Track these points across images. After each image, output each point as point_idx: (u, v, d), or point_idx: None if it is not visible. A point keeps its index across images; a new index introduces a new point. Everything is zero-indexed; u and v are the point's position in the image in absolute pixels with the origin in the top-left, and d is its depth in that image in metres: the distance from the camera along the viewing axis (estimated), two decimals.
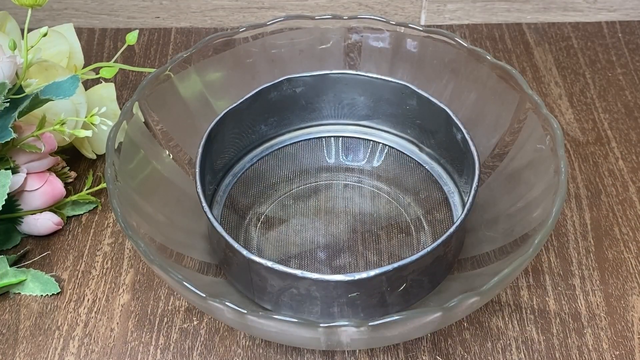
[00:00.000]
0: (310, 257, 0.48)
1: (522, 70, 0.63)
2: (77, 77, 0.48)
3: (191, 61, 0.50)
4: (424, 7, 0.67)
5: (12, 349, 0.45)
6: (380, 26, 0.52)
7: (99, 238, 0.51)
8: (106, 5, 0.67)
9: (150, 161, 0.47)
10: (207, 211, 0.43)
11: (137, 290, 0.48)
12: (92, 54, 0.65)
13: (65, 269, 0.49)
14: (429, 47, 0.51)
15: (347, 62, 0.53)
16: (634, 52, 0.65)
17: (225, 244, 0.42)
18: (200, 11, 0.67)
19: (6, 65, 0.45)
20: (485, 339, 0.45)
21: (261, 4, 0.67)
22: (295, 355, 0.44)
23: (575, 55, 0.65)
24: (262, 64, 0.52)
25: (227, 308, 0.37)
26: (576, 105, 0.60)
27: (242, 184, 0.52)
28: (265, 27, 0.51)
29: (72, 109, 0.51)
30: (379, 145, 0.53)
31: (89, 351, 0.45)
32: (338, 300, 0.41)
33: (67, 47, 0.53)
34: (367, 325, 0.36)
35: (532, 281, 0.48)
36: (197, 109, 0.51)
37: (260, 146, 0.53)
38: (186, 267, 0.44)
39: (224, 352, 0.45)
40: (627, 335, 0.45)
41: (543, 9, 0.67)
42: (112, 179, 0.42)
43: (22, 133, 0.48)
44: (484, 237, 0.46)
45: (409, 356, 0.44)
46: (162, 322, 0.46)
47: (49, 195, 0.49)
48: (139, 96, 0.47)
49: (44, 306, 0.47)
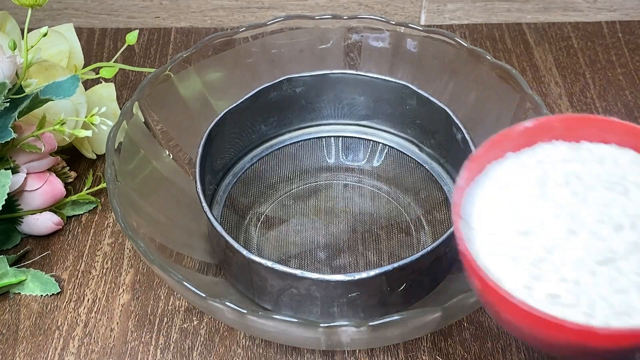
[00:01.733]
0: (310, 257, 0.48)
1: (522, 70, 0.63)
2: (77, 77, 0.48)
3: (191, 61, 0.50)
4: (424, 7, 0.67)
5: (12, 348, 0.45)
6: (380, 26, 0.52)
7: (99, 238, 0.51)
8: (106, 5, 0.67)
9: (150, 161, 0.47)
10: (207, 211, 0.43)
11: (137, 290, 0.48)
12: (92, 53, 0.65)
13: (65, 268, 0.49)
14: (429, 47, 0.51)
15: (347, 62, 0.53)
16: (634, 52, 0.65)
17: (225, 244, 0.42)
18: (200, 11, 0.67)
19: (6, 65, 0.45)
20: (485, 338, 0.45)
21: (261, 4, 0.67)
22: (295, 355, 0.44)
23: (576, 55, 0.65)
24: (262, 64, 0.52)
25: (227, 308, 0.37)
26: (576, 105, 0.60)
27: (242, 184, 0.52)
28: (265, 27, 0.51)
29: (72, 109, 0.51)
30: (379, 145, 0.53)
31: (88, 351, 0.45)
32: (338, 300, 0.41)
33: (67, 47, 0.53)
34: (367, 325, 0.36)
35: None
36: (197, 109, 0.51)
37: (260, 146, 0.53)
38: (186, 267, 0.44)
39: (224, 352, 0.45)
40: None
41: (543, 9, 0.67)
42: (112, 179, 0.42)
43: (22, 133, 0.48)
44: None
45: (409, 356, 0.44)
46: (162, 322, 0.46)
47: (49, 195, 0.49)
48: (139, 96, 0.47)
49: (44, 306, 0.47)
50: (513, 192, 0.30)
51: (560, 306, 0.27)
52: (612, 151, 0.31)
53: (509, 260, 0.28)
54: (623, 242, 0.28)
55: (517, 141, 0.32)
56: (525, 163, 0.31)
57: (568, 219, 0.29)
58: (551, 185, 0.30)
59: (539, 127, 0.32)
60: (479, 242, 0.29)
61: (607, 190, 0.30)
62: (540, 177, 0.30)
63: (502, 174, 0.31)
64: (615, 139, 0.32)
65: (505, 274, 0.28)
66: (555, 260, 0.28)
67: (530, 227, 0.29)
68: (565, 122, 0.32)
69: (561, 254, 0.28)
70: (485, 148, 0.31)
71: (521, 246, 0.28)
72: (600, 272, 0.27)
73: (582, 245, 0.28)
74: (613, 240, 0.28)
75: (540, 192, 0.30)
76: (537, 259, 0.28)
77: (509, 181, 0.31)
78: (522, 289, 0.27)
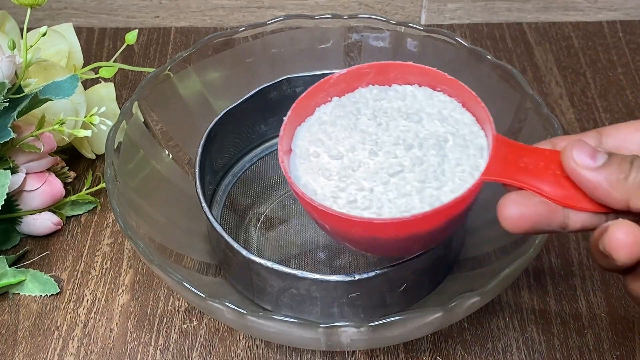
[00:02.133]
0: (310, 257, 0.48)
1: (523, 70, 0.63)
2: (77, 76, 0.48)
3: (191, 61, 0.50)
4: (424, 7, 0.67)
5: (12, 349, 0.45)
6: (381, 25, 0.52)
7: (99, 238, 0.51)
8: (105, 4, 0.67)
9: (150, 161, 0.47)
10: (207, 211, 0.43)
11: (136, 290, 0.48)
12: (91, 53, 0.65)
13: (64, 269, 0.49)
14: (429, 47, 0.51)
15: (347, 62, 0.53)
16: (635, 52, 0.65)
17: (225, 244, 0.42)
18: (199, 10, 0.67)
19: (5, 65, 0.45)
20: (486, 339, 0.45)
21: (261, 4, 0.67)
22: (295, 355, 0.44)
23: (576, 54, 0.65)
24: (262, 64, 0.52)
25: (227, 308, 0.36)
26: (577, 105, 0.60)
27: (242, 184, 0.52)
28: (265, 26, 0.51)
29: (71, 109, 0.50)
30: None
31: (88, 351, 0.45)
32: (338, 300, 0.41)
33: (66, 46, 0.53)
34: (367, 326, 0.36)
35: (532, 281, 0.48)
36: (197, 109, 0.51)
37: (260, 146, 0.53)
38: (186, 267, 0.44)
39: (223, 352, 0.44)
40: (628, 336, 0.45)
41: (544, 9, 0.67)
42: (111, 179, 0.42)
43: (22, 133, 0.48)
44: (485, 237, 0.46)
45: (409, 357, 0.44)
46: (162, 323, 0.46)
47: (48, 195, 0.49)
48: (139, 96, 0.47)
49: (43, 306, 0.47)
50: (332, 126, 0.38)
51: (358, 209, 0.34)
52: (412, 90, 0.39)
53: (322, 179, 0.36)
54: (410, 158, 0.35)
55: (341, 88, 0.39)
56: (345, 103, 0.39)
57: (372, 143, 0.36)
58: (362, 119, 0.37)
59: (355, 75, 0.39)
60: (303, 167, 0.37)
61: (405, 120, 0.37)
62: (353, 113, 0.38)
63: (325, 114, 0.38)
64: (416, 80, 0.39)
65: (319, 189, 0.35)
66: (357, 175, 0.35)
67: (341, 152, 0.36)
68: (375, 68, 0.39)
69: (363, 171, 0.35)
70: (306, 95, 0.38)
71: (333, 166, 0.36)
72: (392, 182, 0.35)
73: (379, 162, 0.36)
74: (404, 157, 0.36)
75: (353, 124, 0.37)
76: (343, 175, 0.35)
77: (330, 118, 0.38)
78: (330, 199, 0.35)
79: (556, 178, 0.32)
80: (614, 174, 0.31)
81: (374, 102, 0.38)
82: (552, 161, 0.33)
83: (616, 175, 0.31)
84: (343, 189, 0.35)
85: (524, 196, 0.32)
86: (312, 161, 0.37)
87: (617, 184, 0.30)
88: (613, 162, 0.31)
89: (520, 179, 0.32)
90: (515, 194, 0.32)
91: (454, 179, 0.35)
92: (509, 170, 0.33)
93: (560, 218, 0.32)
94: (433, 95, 0.38)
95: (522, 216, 0.32)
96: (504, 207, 0.32)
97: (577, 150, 0.31)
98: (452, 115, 0.37)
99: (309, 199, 0.34)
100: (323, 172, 0.36)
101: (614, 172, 0.31)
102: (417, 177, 0.35)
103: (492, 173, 0.33)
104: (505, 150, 0.34)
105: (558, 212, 0.32)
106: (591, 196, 0.31)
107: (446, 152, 0.35)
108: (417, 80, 0.39)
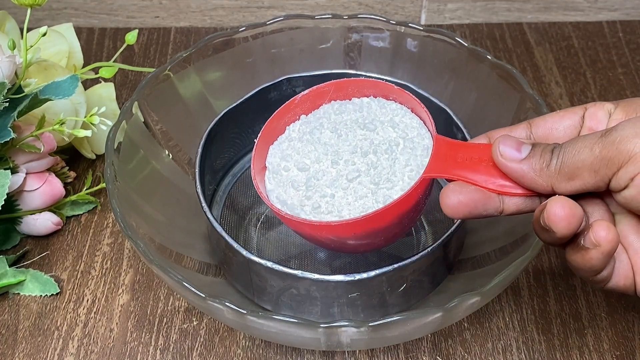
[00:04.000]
0: (310, 257, 0.48)
1: (523, 70, 0.63)
2: (77, 76, 0.48)
3: (191, 61, 0.50)
4: (424, 7, 0.67)
5: (12, 349, 0.45)
6: (381, 26, 0.52)
7: (99, 238, 0.51)
8: (105, 4, 0.67)
9: (150, 161, 0.47)
10: (207, 211, 0.43)
11: (136, 290, 0.48)
12: (91, 53, 0.65)
13: (64, 269, 0.49)
14: (429, 47, 0.51)
15: (347, 62, 0.53)
16: (635, 52, 0.65)
17: (225, 244, 0.42)
18: (199, 11, 0.67)
19: (5, 65, 0.45)
20: (486, 339, 0.45)
21: (261, 4, 0.67)
22: (295, 355, 0.44)
23: (576, 54, 0.65)
24: (262, 64, 0.52)
25: (227, 308, 0.36)
26: (577, 105, 0.60)
27: (242, 184, 0.52)
28: (265, 26, 0.51)
29: (71, 109, 0.50)
30: None
31: (88, 351, 0.45)
32: (338, 300, 0.41)
33: (66, 46, 0.53)
34: (367, 326, 0.36)
35: (532, 281, 0.48)
36: (197, 109, 0.51)
37: None
38: (186, 267, 0.44)
39: (223, 352, 0.44)
40: (628, 336, 0.45)
41: (544, 9, 0.67)
42: (111, 179, 0.42)
43: (22, 133, 0.48)
44: (484, 237, 0.46)
45: (409, 356, 0.44)
46: (162, 323, 0.46)
47: (48, 195, 0.49)
48: (139, 96, 0.47)
49: (43, 306, 0.47)
50: (300, 142, 0.41)
51: (322, 214, 0.38)
52: (368, 101, 0.42)
53: (292, 189, 0.39)
54: (366, 163, 0.38)
55: (306, 106, 0.42)
56: (310, 120, 0.42)
57: (334, 154, 0.39)
58: (325, 132, 0.41)
59: (317, 93, 0.42)
60: (275, 181, 0.40)
61: (362, 130, 0.40)
62: (317, 128, 0.41)
63: (294, 131, 0.42)
64: (370, 92, 0.42)
65: (289, 199, 0.39)
66: (320, 183, 0.39)
67: (307, 164, 0.39)
68: (334, 85, 0.42)
69: (326, 179, 0.39)
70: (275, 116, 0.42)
71: (300, 178, 0.39)
72: (350, 187, 0.38)
73: (340, 170, 0.39)
74: (361, 163, 0.39)
75: (317, 138, 0.40)
76: (309, 185, 0.39)
77: (297, 135, 0.41)
78: (298, 207, 0.38)
79: (488, 169, 0.35)
80: (537, 163, 0.33)
81: (335, 116, 0.41)
82: (485, 154, 0.36)
83: (539, 164, 0.33)
84: (309, 197, 0.38)
85: (462, 185, 0.35)
86: (282, 175, 0.40)
87: (541, 172, 0.33)
88: (536, 152, 0.34)
89: (456, 173, 0.36)
90: (454, 184, 0.35)
91: (403, 179, 0.38)
92: (447, 166, 0.36)
93: (496, 203, 0.35)
94: (386, 105, 0.41)
95: (460, 203, 0.34)
96: (445, 196, 0.35)
97: (503, 145, 0.34)
98: (403, 121, 0.40)
99: (277, 209, 0.39)
100: (292, 184, 0.39)
101: (537, 162, 0.33)
102: (372, 180, 0.38)
103: (433, 170, 0.36)
104: (444, 148, 0.37)
105: (493, 198, 0.35)
106: (519, 184, 0.34)
107: (397, 155, 0.38)
108: (371, 92, 0.42)
